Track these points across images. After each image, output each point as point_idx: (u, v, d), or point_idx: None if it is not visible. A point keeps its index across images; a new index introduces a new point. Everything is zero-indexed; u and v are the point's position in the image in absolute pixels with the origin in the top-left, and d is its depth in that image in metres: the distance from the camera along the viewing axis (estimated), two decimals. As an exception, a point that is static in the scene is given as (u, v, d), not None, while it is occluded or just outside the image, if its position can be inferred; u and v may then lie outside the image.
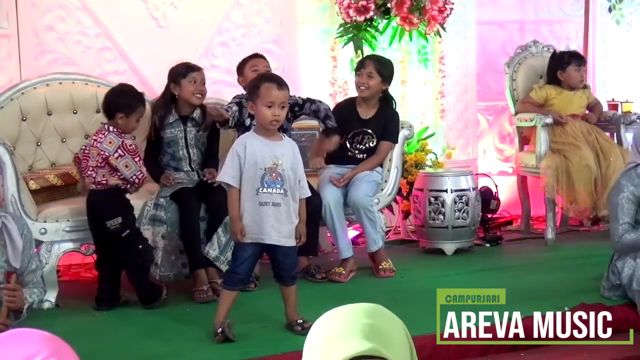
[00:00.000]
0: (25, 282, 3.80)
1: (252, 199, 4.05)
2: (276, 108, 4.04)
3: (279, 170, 4.05)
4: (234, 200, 4.09)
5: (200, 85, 5.10)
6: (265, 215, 4.05)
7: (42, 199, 5.03)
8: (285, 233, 4.10)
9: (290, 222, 4.11)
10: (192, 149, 5.16)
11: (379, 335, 1.44)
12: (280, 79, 4.18)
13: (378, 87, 5.45)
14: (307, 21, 6.60)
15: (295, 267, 4.26)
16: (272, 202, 4.05)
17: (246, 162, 4.05)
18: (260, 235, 4.07)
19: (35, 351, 1.44)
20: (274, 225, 4.07)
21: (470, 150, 6.98)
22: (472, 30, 6.99)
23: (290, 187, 4.08)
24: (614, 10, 7.34)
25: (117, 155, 4.64)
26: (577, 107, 6.29)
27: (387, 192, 5.61)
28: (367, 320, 1.47)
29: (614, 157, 5.96)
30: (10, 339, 1.48)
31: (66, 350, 1.49)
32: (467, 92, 6.98)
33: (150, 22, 6.18)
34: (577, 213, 6.20)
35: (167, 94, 5.14)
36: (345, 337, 1.44)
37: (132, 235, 4.70)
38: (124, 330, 4.42)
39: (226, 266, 4.92)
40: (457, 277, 5.27)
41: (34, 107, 5.28)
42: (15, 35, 5.82)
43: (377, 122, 5.47)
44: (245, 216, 4.06)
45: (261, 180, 4.04)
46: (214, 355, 3.94)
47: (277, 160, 4.05)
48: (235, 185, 4.08)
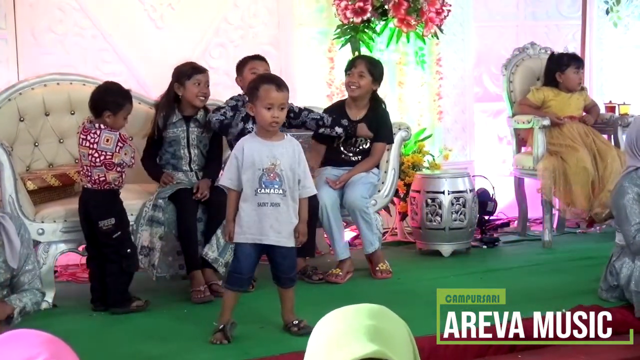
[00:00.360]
0: (21, 283, 3.78)
1: (251, 199, 4.06)
2: (275, 110, 4.04)
3: (277, 171, 4.05)
4: (232, 202, 4.13)
5: (204, 87, 5.10)
6: (264, 215, 4.06)
7: (39, 199, 5.03)
8: (284, 234, 4.10)
9: (290, 222, 4.11)
10: (193, 149, 5.16)
11: (383, 337, 1.44)
12: (280, 79, 4.18)
13: (369, 87, 5.46)
14: (305, 23, 6.61)
15: (293, 270, 4.25)
16: (270, 202, 4.06)
17: (244, 164, 4.05)
18: (259, 235, 4.08)
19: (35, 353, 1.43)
20: (273, 226, 4.07)
21: (468, 152, 6.99)
22: (470, 32, 7.00)
23: (289, 187, 4.08)
24: (611, 13, 7.36)
25: (118, 148, 4.65)
26: (575, 109, 6.30)
27: (384, 193, 5.61)
28: (370, 321, 1.46)
29: (611, 159, 5.96)
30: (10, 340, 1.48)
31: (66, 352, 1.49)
32: (464, 94, 6.99)
33: (148, 24, 6.18)
34: (574, 215, 6.21)
35: (171, 93, 5.14)
36: (350, 339, 1.43)
37: (123, 238, 4.70)
38: (122, 330, 4.41)
39: (223, 268, 4.93)
40: (454, 279, 5.27)
41: (31, 108, 5.27)
42: (13, 36, 5.83)
43: (369, 123, 5.47)
44: (245, 217, 4.07)
45: (259, 181, 4.04)
46: (211, 355, 3.93)
47: (275, 160, 4.05)
48: (232, 187, 4.10)
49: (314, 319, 4.46)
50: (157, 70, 5.37)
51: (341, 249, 5.31)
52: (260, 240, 4.09)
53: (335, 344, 1.44)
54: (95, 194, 4.70)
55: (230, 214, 4.13)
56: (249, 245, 4.10)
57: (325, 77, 6.47)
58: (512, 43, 7.13)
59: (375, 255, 5.37)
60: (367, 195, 5.38)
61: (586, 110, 6.40)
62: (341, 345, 1.43)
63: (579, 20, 7.22)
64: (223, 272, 4.96)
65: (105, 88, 4.83)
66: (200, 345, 4.10)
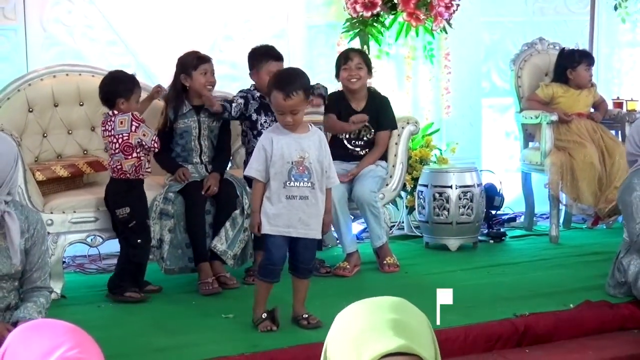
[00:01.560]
0: (33, 279, 3.74)
1: (280, 192, 4.09)
2: (287, 116, 4.07)
3: (306, 164, 4.08)
4: (258, 193, 4.15)
5: (210, 76, 5.11)
6: (293, 208, 4.09)
7: (48, 190, 5.04)
8: (312, 226, 4.14)
9: (318, 214, 4.15)
10: (204, 140, 5.16)
11: (408, 331, 1.44)
12: (289, 86, 4.06)
13: (366, 79, 5.51)
14: (313, 16, 6.60)
15: (312, 261, 4.29)
16: (300, 195, 4.09)
17: (273, 156, 4.08)
18: (287, 228, 4.11)
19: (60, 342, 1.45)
20: (302, 219, 4.11)
21: (475, 147, 6.98)
22: (478, 27, 6.99)
23: (317, 179, 4.12)
24: (619, 9, 7.34)
25: (134, 127, 4.72)
26: (583, 105, 6.29)
27: (392, 187, 5.63)
28: (394, 315, 1.46)
29: (618, 156, 5.96)
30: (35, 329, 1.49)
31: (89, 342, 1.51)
32: (472, 88, 6.98)
33: (156, 16, 6.17)
34: (580, 211, 6.22)
35: (178, 84, 5.14)
36: (375, 335, 1.43)
37: (137, 228, 4.76)
38: (130, 322, 4.43)
39: (232, 260, 4.95)
40: (461, 273, 5.28)
41: (40, 99, 5.29)
42: (22, 27, 5.83)
43: (370, 113, 5.48)
44: (274, 209, 4.10)
45: (289, 174, 4.07)
46: (220, 347, 3.94)
47: (303, 153, 4.08)
48: (261, 179, 4.12)
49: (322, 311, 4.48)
50: (166, 63, 5.37)
51: (349, 242, 5.32)
52: (289, 233, 4.12)
53: (360, 339, 1.44)
54: (114, 183, 4.83)
55: (256, 205, 4.15)
56: (279, 237, 4.12)
57: (333, 70, 6.45)
58: (520, 38, 7.12)
59: (382, 248, 5.38)
60: (375, 189, 5.39)
61: (594, 107, 6.39)
62: (368, 340, 1.43)
63: (586, 16, 7.20)
64: (232, 264, 4.98)
65: (111, 78, 4.89)
66: (209, 337, 4.11)
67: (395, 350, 1.40)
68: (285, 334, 4.09)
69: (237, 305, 4.55)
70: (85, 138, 5.43)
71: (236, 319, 4.37)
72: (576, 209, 6.18)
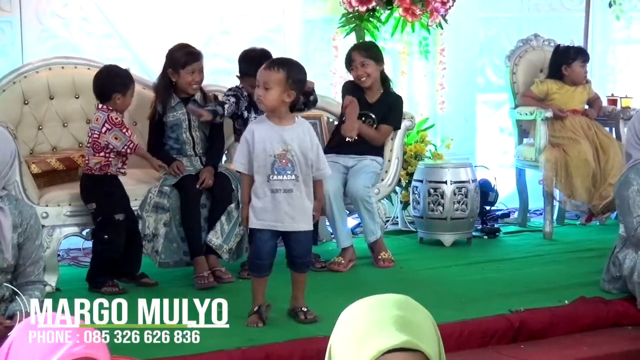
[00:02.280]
0: (27, 273, 3.73)
1: (264, 186, 4.08)
2: (260, 89, 4.06)
3: (288, 157, 4.06)
4: (245, 186, 4.16)
5: (197, 75, 5.08)
6: (278, 202, 4.08)
7: (43, 183, 5.03)
8: (298, 219, 4.12)
9: (303, 207, 4.12)
10: (196, 131, 5.15)
11: (412, 327, 1.45)
12: (275, 61, 4.16)
13: (376, 71, 5.50)
14: (309, 10, 6.59)
15: (308, 254, 4.28)
16: (283, 188, 4.07)
17: (255, 149, 4.07)
18: (274, 222, 4.10)
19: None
20: (287, 212, 4.09)
21: (469, 143, 6.99)
22: (474, 23, 6.99)
23: (301, 172, 4.10)
24: (614, 6, 7.34)
25: (105, 129, 4.70)
26: (578, 102, 6.30)
27: (387, 182, 5.63)
28: (398, 312, 1.47)
29: (613, 153, 5.98)
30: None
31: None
32: (467, 84, 6.99)
33: (153, 10, 6.16)
34: (574, 207, 6.23)
35: (166, 77, 5.11)
36: (379, 330, 1.44)
37: (103, 224, 4.75)
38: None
39: (227, 254, 4.95)
40: (456, 269, 5.29)
41: (36, 91, 5.27)
42: (18, 20, 5.81)
43: (381, 107, 5.51)
44: (260, 203, 4.09)
45: (272, 167, 4.06)
46: (216, 341, 3.93)
47: (286, 146, 4.07)
48: (246, 171, 4.12)
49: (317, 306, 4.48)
50: (162, 56, 5.35)
51: (344, 237, 5.32)
52: (276, 227, 4.12)
53: (364, 335, 1.45)
54: (84, 177, 4.85)
55: (245, 198, 4.16)
56: (265, 231, 4.12)
57: (329, 65, 6.46)
58: (516, 34, 7.13)
59: (377, 243, 5.38)
60: (369, 184, 5.39)
61: (589, 104, 6.40)
62: (371, 336, 1.44)
63: (581, 12, 7.22)
64: (227, 258, 4.98)
65: (107, 72, 4.86)
66: (205, 331, 4.09)
67: (399, 346, 1.41)
68: (282, 328, 4.10)
69: (233, 299, 4.53)
70: (81, 131, 5.40)
71: (232, 313, 4.36)
72: (570, 205, 6.20)
